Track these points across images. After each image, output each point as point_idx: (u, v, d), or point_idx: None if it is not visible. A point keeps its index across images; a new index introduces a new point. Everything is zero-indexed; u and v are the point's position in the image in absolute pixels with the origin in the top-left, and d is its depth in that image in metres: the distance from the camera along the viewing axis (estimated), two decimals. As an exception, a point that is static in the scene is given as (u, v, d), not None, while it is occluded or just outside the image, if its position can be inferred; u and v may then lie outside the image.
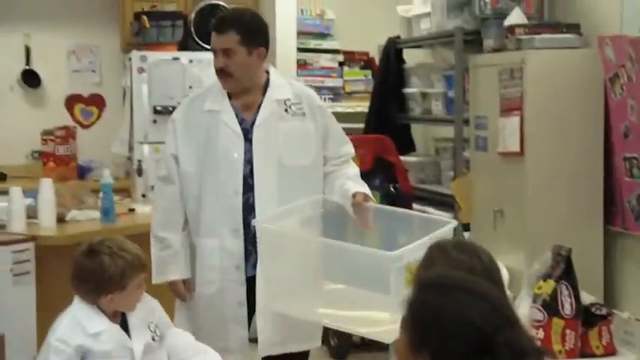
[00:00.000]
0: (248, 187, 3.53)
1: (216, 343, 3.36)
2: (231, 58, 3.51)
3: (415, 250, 2.93)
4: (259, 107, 3.58)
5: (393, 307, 2.48)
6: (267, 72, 3.66)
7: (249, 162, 3.53)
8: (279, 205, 3.49)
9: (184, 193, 3.59)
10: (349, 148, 3.76)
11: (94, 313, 2.92)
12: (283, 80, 3.71)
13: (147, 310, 3.06)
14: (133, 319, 2.99)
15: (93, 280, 2.90)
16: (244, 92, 3.59)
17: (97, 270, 2.90)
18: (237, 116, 3.57)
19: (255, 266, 3.53)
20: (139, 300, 3.00)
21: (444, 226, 3.29)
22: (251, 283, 3.54)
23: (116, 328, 2.94)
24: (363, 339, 5.15)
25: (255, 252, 3.52)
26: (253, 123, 3.56)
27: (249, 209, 3.52)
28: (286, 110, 3.59)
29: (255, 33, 3.57)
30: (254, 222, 3.44)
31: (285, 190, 3.54)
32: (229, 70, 3.52)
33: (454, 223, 3.38)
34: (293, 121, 3.59)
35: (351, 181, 3.60)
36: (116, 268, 2.89)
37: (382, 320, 3.15)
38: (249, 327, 3.57)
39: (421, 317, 1.85)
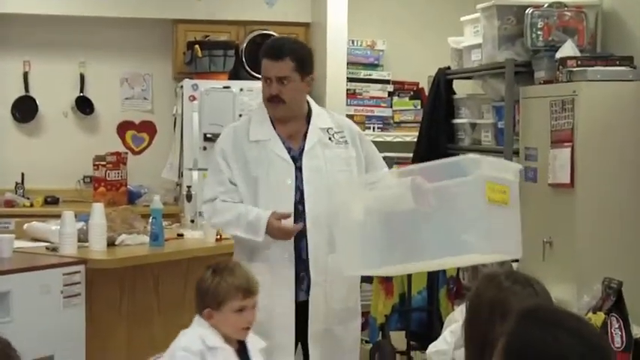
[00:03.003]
0: (299, 213, 3.56)
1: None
2: (286, 85, 3.55)
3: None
4: (304, 136, 3.62)
5: None
6: (307, 102, 3.71)
7: (298, 189, 3.57)
8: (329, 231, 3.49)
9: None
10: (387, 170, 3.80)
11: (210, 333, 3.00)
12: (322, 110, 3.78)
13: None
14: (253, 352, 3.07)
15: (196, 291, 3.08)
16: (290, 120, 3.64)
17: (199, 282, 3.07)
18: (284, 144, 3.61)
19: (307, 292, 3.54)
20: (241, 326, 3.04)
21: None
22: (301, 308, 3.55)
23: (231, 350, 3.01)
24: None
25: (307, 277, 3.53)
26: (301, 151, 3.59)
27: (300, 235, 3.55)
28: (330, 139, 3.64)
29: (307, 60, 3.64)
30: None
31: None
32: (283, 97, 3.56)
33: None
34: (337, 148, 3.64)
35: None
36: (212, 282, 3.01)
37: None
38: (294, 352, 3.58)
39: (519, 350, 1.75)
